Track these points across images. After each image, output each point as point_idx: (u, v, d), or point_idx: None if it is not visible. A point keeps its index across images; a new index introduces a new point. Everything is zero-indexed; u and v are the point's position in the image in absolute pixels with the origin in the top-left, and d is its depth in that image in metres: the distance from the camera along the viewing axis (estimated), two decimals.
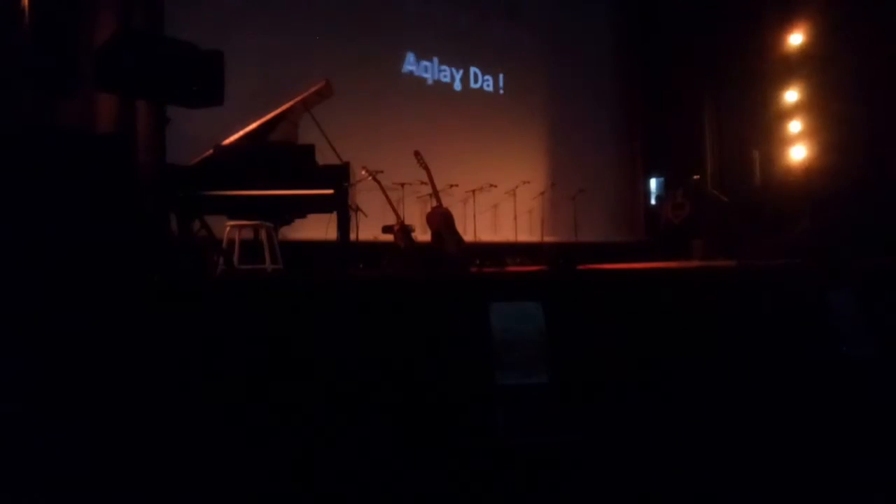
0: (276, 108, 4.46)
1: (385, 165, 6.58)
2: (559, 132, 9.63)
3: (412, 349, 2.75)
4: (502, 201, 8.62)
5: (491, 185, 8.29)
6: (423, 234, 6.38)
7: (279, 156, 4.10)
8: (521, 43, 9.39)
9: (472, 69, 8.92)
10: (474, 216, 8.10)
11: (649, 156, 10.56)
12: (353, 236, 5.59)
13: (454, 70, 8.74)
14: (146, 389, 2.37)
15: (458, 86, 8.77)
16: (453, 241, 5.74)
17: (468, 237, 7.31)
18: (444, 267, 5.48)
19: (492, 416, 2.70)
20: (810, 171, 8.28)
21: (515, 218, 8.60)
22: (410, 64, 8.32)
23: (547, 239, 8.83)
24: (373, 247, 6.25)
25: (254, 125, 4.37)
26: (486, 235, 8.31)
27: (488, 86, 9.09)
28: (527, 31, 9.45)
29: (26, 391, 2.22)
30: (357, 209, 6.11)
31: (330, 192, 3.93)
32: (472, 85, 8.92)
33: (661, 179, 10.36)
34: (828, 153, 7.99)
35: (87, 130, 4.31)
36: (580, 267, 4.16)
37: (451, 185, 7.75)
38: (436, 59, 8.55)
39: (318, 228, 5.07)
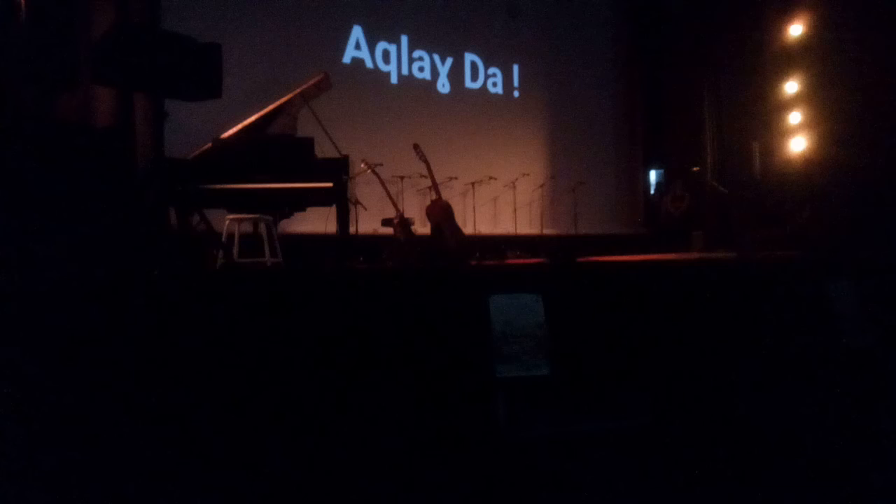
0: (275, 101, 4.46)
1: (384, 158, 6.58)
2: (558, 124, 9.61)
3: (412, 342, 2.75)
4: (502, 194, 8.61)
5: (490, 178, 8.28)
6: (422, 227, 6.39)
7: (278, 149, 4.09)
8: (522, 36, 9.36)
9: (474, 62, 8.89)
10: (474, 209, 8.09)
11: (649, 147, 10.54)
12: (352, 229, 5.60)
13: (455, 63, 8.71)
14: (144, 385, 2.37)
15: (459, 79, 8.74)
16: (453, 234, 5.74)
17: (468, 230, 7.31)
18: (444, 260, 5.48)
19: (492, 408, 2.71)
20: (810, 163, 8.26)
21: (515, 210, 8.58)
22: (405, 56, 8.29)
23: (546, 231, 8.83)
24: (372, 240, 6.25)
25: (252, 118, 4.36)
26: (486, 228, 8.30)
27: (491, 79, 9.07)
28: (528, 24, 9.42)
29: (25, 386, 2.22)
30: (356, 202, 6.11)
31: (329, 185, 3.93)
32: (474, 78, 8.90)
33: (661, 171, 10.34)
34: (828, 145, 7.97)
35: (85, 124, 4.30)
36: (580, 259, 4.16)
37: (451, 178, 7.75)
38: (436, 53, 8.53)
39: (317, 222, 5.07)
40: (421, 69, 8.41)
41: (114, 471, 2.23)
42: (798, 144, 8.44)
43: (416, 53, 8.36)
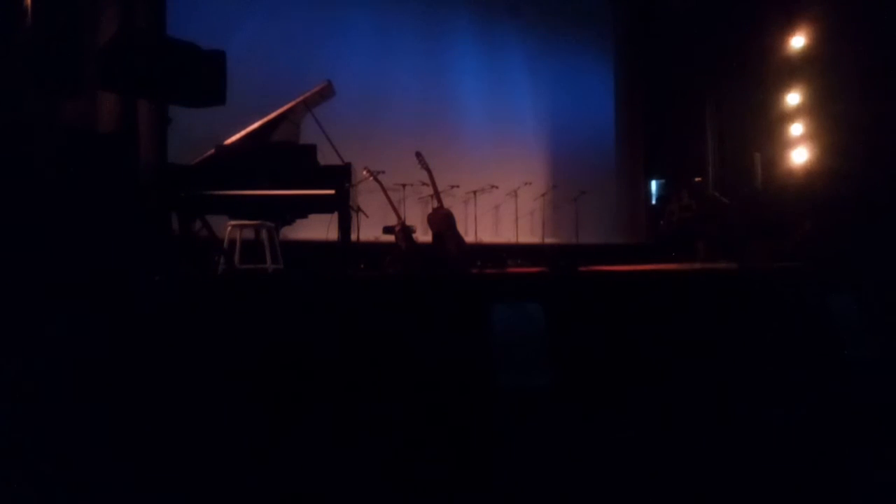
0: (278, 108, 4.47)
1: (386, 166, 6.58)
2: (560, 133, 9.63)
3: (413, 350, 2.75)
4: (504, 202, 8.62)
5: (492, 187, 8.29)
6: (424, 235, 6.39)
7: (281, 156, 4.10)
8: (522, 43, 9.39)
9: (475, 67, 8.91)
10: (475, 217, 8.09)
11: (651, 158, 10.56)
12: (354, 237, 5.59)
13: (457, 66, 8.74)
14: (145, 388, 2.37)
15: (460, 84, 8.76)
16: (454, 242, 5.74)
17: (469, 238, 7.30)
18: (446, 268, 5.48)
19: (492, 416, 2.70)
20: (812, 174, 8.27)
21: (517, 219, 8.58)
22: (410, 62, 8.31)
23: (548, 240, 8.82)
24: (374, 247, 6.24)
25: (255, 125, 4.37)
26: (488, 237, 8.29)
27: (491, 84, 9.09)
28: (528, 30, 9.46)
29: (27, 388, 2.22)
30: (358, 210, 6.11)
31: (331, 192, 3.93)
32: (475, 82, 8.91)
33: (663, 181, 10.35)
34: (829, 156, 7.99)
35: (89, 130, 4.31)
36: (581, 269, 4.16)
37: (453, 186, 7.75)
38: (437, 55, 8.56)
39: (319, 229, 5.07)
40: (426, 74, 8.42)
41: (109, 474, 2.23)
42: (800, 156, 8.45)
43: (423, 57, 8.39)
